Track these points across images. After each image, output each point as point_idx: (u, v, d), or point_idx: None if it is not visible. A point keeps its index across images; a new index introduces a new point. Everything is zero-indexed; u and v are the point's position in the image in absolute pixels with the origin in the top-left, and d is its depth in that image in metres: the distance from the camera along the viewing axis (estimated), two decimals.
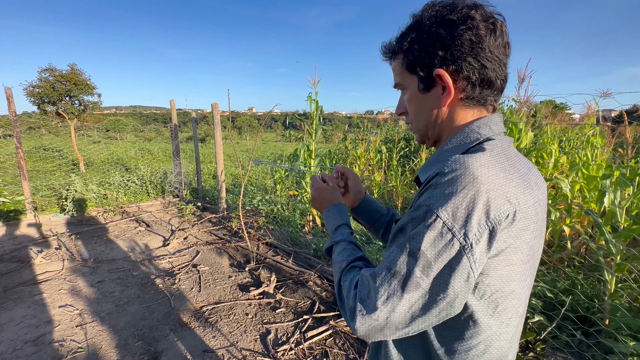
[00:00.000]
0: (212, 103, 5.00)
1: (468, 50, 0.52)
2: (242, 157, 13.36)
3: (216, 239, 4.06)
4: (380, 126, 9.92)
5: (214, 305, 2.57)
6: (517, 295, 0.52)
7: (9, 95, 4.36)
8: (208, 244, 3.85)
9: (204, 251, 3.65)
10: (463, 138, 0.56)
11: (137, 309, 2.50)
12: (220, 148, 5.17)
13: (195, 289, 2.81)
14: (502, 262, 0.48)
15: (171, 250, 3.68)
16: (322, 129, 4.31)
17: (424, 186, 0.53)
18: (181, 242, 3.95)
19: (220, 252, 3.65)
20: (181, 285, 2.87)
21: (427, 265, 0.47)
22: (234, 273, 3.13)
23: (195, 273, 3.11)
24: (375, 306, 0.49)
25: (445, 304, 0.48)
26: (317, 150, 4.34)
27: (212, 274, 3.11)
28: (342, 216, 0.78)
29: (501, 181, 0.47)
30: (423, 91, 0.59)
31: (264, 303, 2.61)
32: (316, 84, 4.01)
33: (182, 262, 3.38)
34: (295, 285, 2.89)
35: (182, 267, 3.24)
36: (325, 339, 2.17)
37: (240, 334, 2.21)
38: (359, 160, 7.23)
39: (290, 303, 2.61)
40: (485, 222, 0.45)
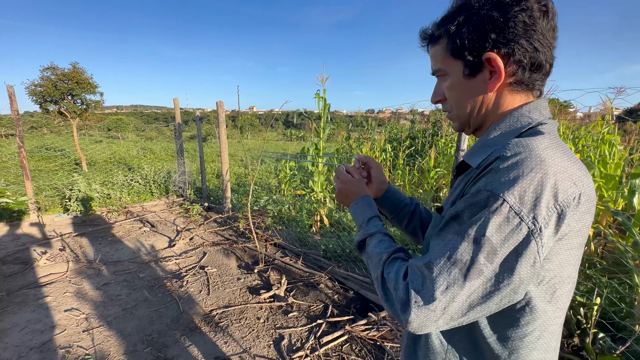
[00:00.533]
0: (217, 101, 4.92)
1: (522, 32, 0.50)
2: (245, 157, 13.29)
3: (222, 240, 3.98)
4: (385, 125, 9.82)
5: (224, 308, 2.49)
6: (572, 280, 0.52)
7: (11, 93, 4.28)
8: (215, 245, 3.77)
9: (210, 252, 3.58)
10: (513, 122, 0.55)
11: (145, 312, 2.42)
12: (225, 147, 5.09)
13: (204, 292, 2.73)
14: (565, 246, 0.48)
15: (177, 252, 3.60)
16: (330, 127, 4.23)
17: (480, 171, 0.51)
18: (187, 242, 3.87)
19: (228, 253, 3.58)
20: (189, 287, 2.79)
21: (492, 251, 0.45)
22: (243, 275, 3.05)
23: (203, 275, 3.03)
24: (434, 296, 0.47)
25: (509, 291, 0.47)
26: (324, 149, 4.26)
27: (221, 276, 3.03)
28: (372, 208, 0.75)
29: (566, 164, 0.47)
30: (468, 76, 0.57)
31: (275, 306, 2.53)
32: (324, 82, 3.92)
33: (189, 263, 3.30)
34: (307, 288, 2.81)
35: (189, 268, 3.16)
36: (341, 344, 2.09)
37: (253, 340, 2.13)
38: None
39: (303, 306, 2.53)
40: (553, 205, 0.44)
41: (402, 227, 0.89)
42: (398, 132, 9.42)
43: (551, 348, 0.55)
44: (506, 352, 0.53)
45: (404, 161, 6.89)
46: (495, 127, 0.56)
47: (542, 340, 0.53)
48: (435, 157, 5.19)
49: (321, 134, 4.10)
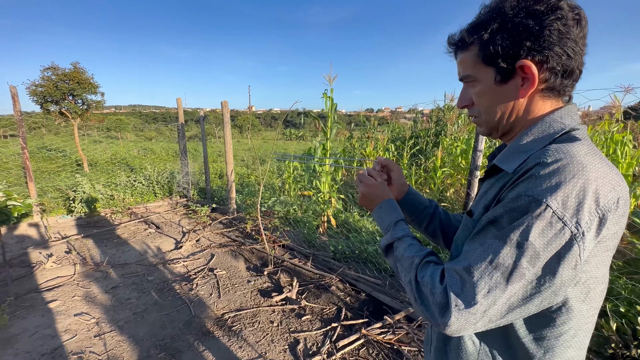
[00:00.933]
0: (222, 101, 4.88)
1: (556, 40, 0.51)
2: (246, 157, 13.23)
3: (229, 241, 3.95)
4: (387, 124, 9.79)
5: (236, 312, 2.45)
6: (605, 280, 0.53)
7: (14, 94, 4.23)
8: (222, 247, 3.73)
9: (218, 254, 3.54)
10: (546, 128, 0.55)
11: (157, 317, 2.39)
12: (230, 147, 5.05)
13: (214, 295, 2.69)
14: (602, 249, 0.49)
15: (185, 254, 3.57)
16: (336, 127, 4.19)
17: (518, 177, 0.52)
18: (194, 244, 3.84)
19: (236, 255, 3.54)
20: (199, 290, 2.76)
21: (535, 255, 0.46)
22: (253, 277, 3.01)
23: (212, 278, 2.99)
24: (475, 300, 0.48)
25: (549, 293, 0.48)
26: (331, 149, 4.22)
27: (230, 278, 3.00)
28: (397, 211, 0.75)
29: (605, 169, 0.48)
30: (500, 83, 0.57)
31: (287, 309, 2.50)
32: (332, 81, 3.88)
33: (198, 265, 3.27)
34: (318, 290, 2.78)
35: (198, 271, 3.13)
36: (358, 348, 2.06)
37: (268, 344, 2.10)
38: (367, 158, 7.12)
39: (316, 309, 2.50)
40: (595, 209, 0.46)
41: (422, 229, 0.90)
42: (400, 132, 9.40)
43: (584, 346, 0.56)
44: (541, 350, 0.54)
45: (409, 161, 6.87)
46: (527, 132, 0.57)
47: (576, 339, 0.54)
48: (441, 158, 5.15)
49: (328, 133, 4.06)
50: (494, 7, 0.56)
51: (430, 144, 7.75)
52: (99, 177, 6.98)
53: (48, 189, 5.52)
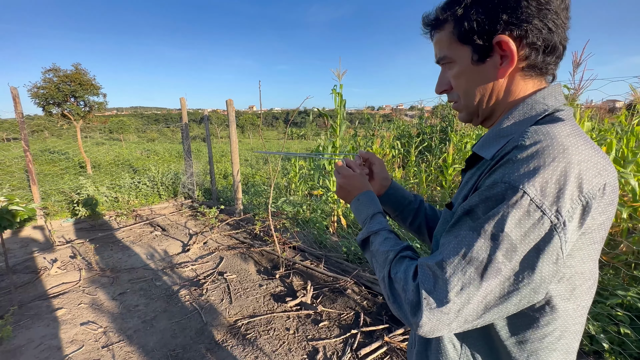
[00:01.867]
0: (227, 100, 4.76)
1: (535, 11, 0.47)
2: (249, 156, 13.12)
3: (237, 243, 3.84)
4: (393, 121, 9.64)
5: (249, 318, 2.34)
6: (593, 276, 0.49)
7: (15, 95, 4.13)
8: (230, 249, 3.62)
9: (227, 257, 3.43)
10: (527, 110, 0.51)
11: (166, 325, 2.28)
12: (235, 147, 4.94)
13: (225, 301, 2.58)
14: (588, 241, 0.45)
15: (193, 257, 3.46)
16: (345, 124, 4.07)
17: (495, 163, 0.47)
18: (201, 247, 3.73)
19: (245, 257, 3.43)
20: (210, 296, 2.65)
21: (512, 248, 0.42)
22: (264, 281, 2.90)
23: (222, 282, 2.88)
24: (447, 298, 0.44)
25: (529, 290, 0.43)
26: (341, 147, 4.10)
27: (241, 282, 2.89)
28: (375, 204, 0.71)
29: (589, 152, 0.43)
30: (477, 62, 0.53)
31: (303, 315, 2.39)
32: (340, 76, 3.76)
33: (207, 269, 3.16)
34: (333, 294, 2.66)
35: (207, 275, 3.02)
36: (381, 357, 1.94)
37: (285, 354, 1.99)
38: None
39: (332, 315, 2.39)
40: (578, 196, 0.41)
41: (407, 225, 0.85)
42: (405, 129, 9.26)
43: (572, 349, 0.52)
44: (524, 354, 0.50)
45: (416, 158, 6.73)
46: (508, 115, 0.52)
47: (562, 341, 0.49)
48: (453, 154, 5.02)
49: (337, 131, 3.94)
50: None
51: (437, 141, 7.61)
52: (102, 179, 6.90)
53: (52, 192, 5.44)
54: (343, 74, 3.74)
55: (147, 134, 38.94)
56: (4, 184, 6.17)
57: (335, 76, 3.72)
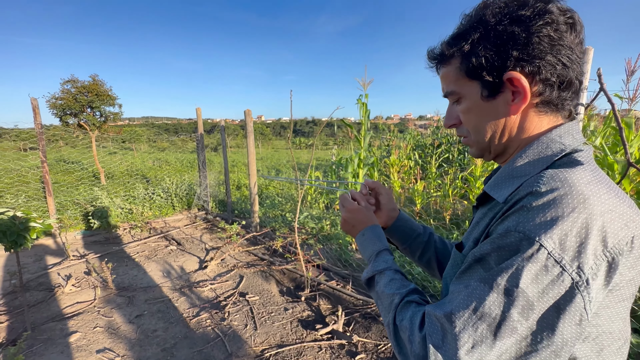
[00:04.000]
0: (245, 110, 4.66)
1: (548, 48, 0.45)
2: (259, 165, 13.04)
3: (256, 260, 3.65)
4: (409, 131, 9.46)
5: (277, 348, 2.14)
6: (623, 335, 0.44)
7: (35, 106, 4.10)
8: (250, 267, 3.44)
9: (247, 276, 3.24)
10: (543, 149, 0.48)
11: (188, 354, 2.09)
12: (253, 157, 4.81)
13: (250, 327, 2.39)
14: (616, 299, 0.41)
15: (211, 275, 3.28)
16: (370, 135, 3.91)
17: (509, 208, 0.45)
18: (219, 263, 3.55)
19: (266, 276, 3.24)
20: (232, 321, 2.45)
21: (528, 306, 0.38)
22: (289, 304, 2.70)
23: (245, 304, 2.69)
24: (457, 356, 0.40)
25: (549, 353, 0.39)
26: (365, 159, 3.93)
27: (265, 305, 2.69)
28: (381, 240, 0.68)
29: (614, 201, 0.40)
30: (487, 98, 0.51)
31: (336, 346, 2.17)
32: (366, 86, 3.62)
33: (227, 289, 2.97)
34: (366, 320, 2.44)
35: (228, 296, 2.83)
36: None
37: None
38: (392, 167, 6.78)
39: (369, 346, 2.16)
40: (602, 251, 0.38)
41: (415, 259, 0.81)
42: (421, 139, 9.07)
43: None
44: None
45: (437, 170, 6.50)
46: (522, 154, 0.51)
47: None
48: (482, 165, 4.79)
49: (362, 142, 3.78)
50: (474, 15, 0.50)
51: (456, 152, 7.39)
52: (116, 189, 6.84)
53: (67, 203, 5.37)
54: (369, 83, 3.60)
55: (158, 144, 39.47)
56: (20, 194, 6.15)
57: (361, 86, 3.59)
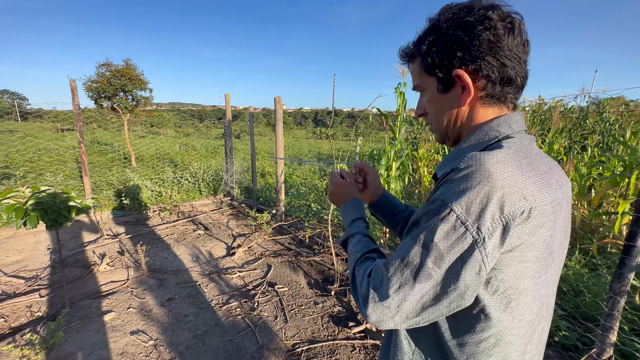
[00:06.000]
0: (275, 97, 4.56)
1: (487, 49, 0.52)
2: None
3: (283, 249, 3.60)
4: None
5: (308, 344, 2.06)
6: (530, 292, 0.52)
7: (74, 87, 4.19)
8: (277, 256, 3.39)
9: (275, 265, 3.19)
10: (482, 136, 0.57)
11: (219, 343, 2.06)
12: (281, 145, 4.72)
13: (280, 319, 2.33)
14: (516, 259, 0.48)
15: (239, 262, 3.26)
16: (405, 126, 3.70)
17: (439, 181, 0.54)
18: (246, 251, 3.53)
19: (294, 267, 3.18)
20: (262, 312, 2.41)
21: (440, 257, 0.48)
22: (319, 298, 2.62)
23: (274, 295, 2.64)
24: (387, 294, 0.50)
25: (455, 296, 0.48)
26: (398, 152, 3.74)
27: (294, 297, 2.63)
28: (358, 210, 0.79)
29: (517, 178, 0.48)
30: (442, 92, 0.60)
31: (370, 346, 2.07)
32: (405, 74, 3.39)
33: (255, 278, 2.94)
34: None
35: (256, 285, 2.79)
36: None
37: None
38: (420, 161, 6.49)
39: None
40: (499, 217, 0.46)
41: (397, 232, 0.90)
42: None
43: (510, 358, 0.54)
44: (464, 356, 0.54)
45: None
46: (466, 140, 0.59)
47: (498, 349, 0.53)
48: None
49: (397, 134, 3.58)
50: (432, 20, 0.58)
51: None
52: (146, 172, 7.03)
53: (101, 183, 5.55)
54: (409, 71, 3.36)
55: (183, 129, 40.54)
56: (58, 172, 6.45)
57: (400, 73, 3.37)
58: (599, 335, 1.70)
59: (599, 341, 1.70)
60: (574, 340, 1.97)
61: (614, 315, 1.63)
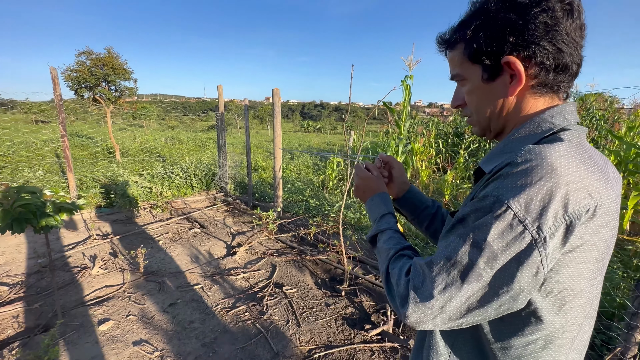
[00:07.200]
0: (273, 89, 4.37)
1: (543, 34, 0.48)
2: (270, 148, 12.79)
3: (286, 248, 3.48)
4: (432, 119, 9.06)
5: (325, 349, 1.98)
6: (585, 294, 0.49)
7: (55, 76, 3.87)
8: (280, 255, 3.27)
9: (280, 265, 3.08)
10: (534, 128, 0.52)
11: (231, 351, 1.94)
12: (279, 139, 4.57)
13: (292, 323, 2.23)
14: (576, 259, 0.46)
15: (241, 262, 3.13)
16: (410, 120, 3.62)
17: (490, 176, 0.50)
18: (248, 250, 3.40)
19: (299, 266, 3.07)
20: (273, 316, 2.30)
21: (493, 257, 0.45)
22: (330, 299, 2.53)
23: (282, 297, 2.53)
24: (431, 294, 0.48)
25: (507, 298, 0.46)
26: (404, 146, 3.66)
27: (304, 299, 2.53)
28: (387, 205, 0.76)
29: (582, 173, 0.44)
30: (487, 81, 0.55)
31: (388, 349, 2.00)
32: (412, 66, 3.29)
33: (260, 278, 2.82)
34: None
35: (263, 286, 2.68)
36: None
37: None
38: (416, 155, 6.46)
39: None
40: (562, 215, 0.42)
41: (423, 229, 0.87)
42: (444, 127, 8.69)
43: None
44: (508, 359, 0.52)
45: (465, 160, 6.19)
46: (515, 132, 0.54)
47: (546, 352, 0.50)
48: None
49: (402, 128, 3.50)
50: (478, 3, 0.54)
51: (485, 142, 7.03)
52: (132, 167, 6.70)
53: (86, 179, 5.23)
54: (415, 63, 3.27)
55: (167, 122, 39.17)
56: (37, 168, 6.04)
57: (406, 65, 3.27)
58: (624, 334, 1.69)
59: (623, 340, 1.69)
60: (591, 338, 1.97)
61: (639, 314, 1.61)
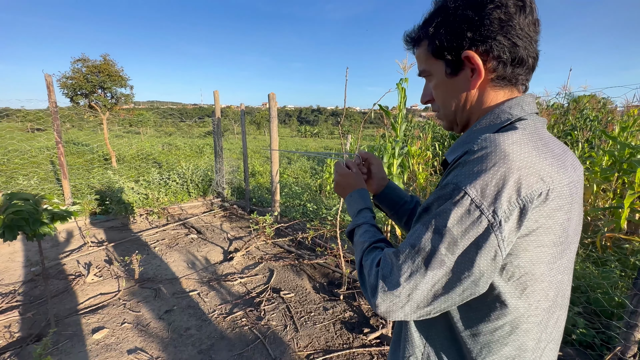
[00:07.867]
0: (269, 93, 4.39)
1: (498, 29, 0.50)
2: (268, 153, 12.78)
3: (283, 252, 3.46)
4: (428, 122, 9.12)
5: (323, 354, 1.95)
6: (546, 278, 0.50)
7: (50, 83, 3.86)
8: (278, 259, 3.25)
9: (277, 269, 3.05)
10: (493, 119, 0.55)
11: (228, 358, 1.91)
12: (276, 144, 4.56)
13: (290, 328, 2.20)
14: (533, 243, 0.47)
15: (238, 267, 3.10)
16: (405, 124, 3.63)
17: (451, 165, 0.52)
18: (245, 255, 3.37)
19: (297, 270, 3.04)
20: (270, 321, 2.27)
21: (453, 242, 0.46)
22: (328, 303, 2.51)
23: (280, 302, 2.50)
24: (398, 282, 0.49)
25: (469, 283, 0.47)
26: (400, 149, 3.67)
27: (302, 303, 2.50)
28: (365, 200, 0.77)
29: (534, 159, 0.46)
30: (451, 75, 0.58)
31: (387, 352, 1.97)
32: (407, 69, 3.31)
33: (257, 284, 2.79)
34: None
35: (260, 292, 2.65)
36: None
37: None
38: (413, 158, 6.48)
39: None
40: (516, 199, 0.44)
41: (402, 225, 0.87)
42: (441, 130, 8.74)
43: (527, 347, 0.53)
44: (478, 346, 0.53)
45: None
46: (477, 123, 0.56)
47: (514, 337, 0.51)
48: None
49: (398, 131, 3.51)
50: (439, 1, 0.56)
51: None
52: (128, 173, 6.66)
53: (81, 186, 5.19)
54: (411, 66, 3.29)
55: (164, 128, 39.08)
56: (32, 176, 5.99)
57: (401, 69, 3.29)
58: (623, 333, 1.68)
59: (622, 339, 1.68)
60: (590, 337, 1.96)
61: (638, 312, 1.61)
